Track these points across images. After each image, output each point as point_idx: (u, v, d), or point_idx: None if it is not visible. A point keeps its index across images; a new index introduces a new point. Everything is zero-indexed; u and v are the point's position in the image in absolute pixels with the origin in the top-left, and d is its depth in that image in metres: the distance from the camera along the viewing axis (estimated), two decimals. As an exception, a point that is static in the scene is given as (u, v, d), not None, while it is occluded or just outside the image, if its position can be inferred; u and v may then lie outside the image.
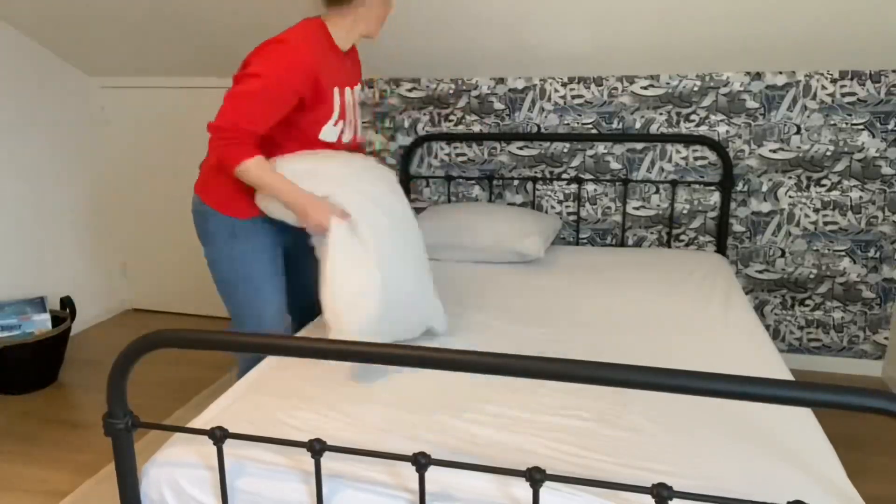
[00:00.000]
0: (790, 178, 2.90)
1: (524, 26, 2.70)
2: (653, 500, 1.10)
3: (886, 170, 2.80)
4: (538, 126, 3.12)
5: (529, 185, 3.19)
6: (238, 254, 2.00)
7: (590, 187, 3.13)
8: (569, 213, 3.18)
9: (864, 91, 2.74)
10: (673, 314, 2.16)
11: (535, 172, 3.17)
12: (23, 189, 3.27)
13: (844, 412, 0.94)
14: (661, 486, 1.08)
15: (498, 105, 3.14)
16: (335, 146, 2.03)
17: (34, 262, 3.35)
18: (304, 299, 2.27)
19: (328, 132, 1.98)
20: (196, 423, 1.49)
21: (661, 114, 2.97)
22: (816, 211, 2.90)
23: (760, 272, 3.02)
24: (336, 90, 1.95)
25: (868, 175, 2.82)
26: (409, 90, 3.24)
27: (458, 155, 3.26)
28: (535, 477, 1.13)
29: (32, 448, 2.50)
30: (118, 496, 1.39)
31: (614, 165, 3.06)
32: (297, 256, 2.22)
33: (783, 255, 2.98)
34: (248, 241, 2.01)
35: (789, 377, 1.73)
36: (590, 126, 3.06)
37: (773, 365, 1.79)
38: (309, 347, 1.22)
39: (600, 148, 3.07)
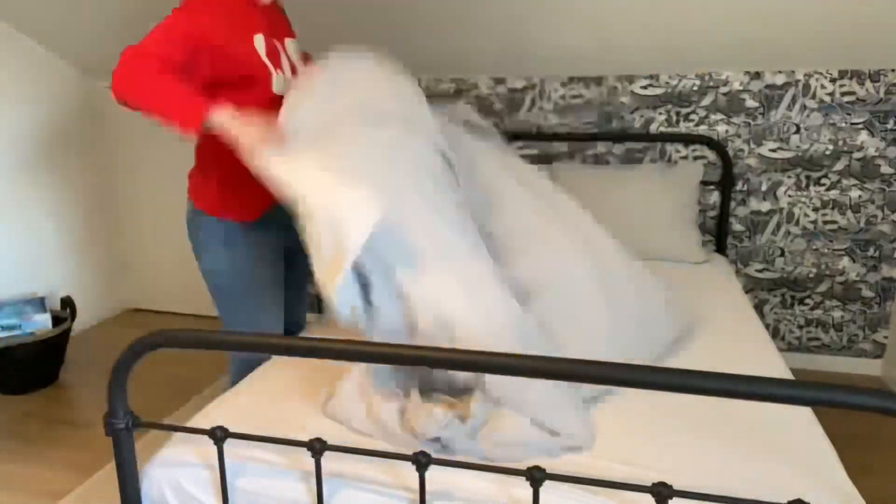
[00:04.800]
0: (789, 177, 2.90)
1: (524, 26, 2.70)
2: (653, 500, 1.10)
3: (886, 169, 2.80)
4: (538, 126, 3.12)
5: (529, 185, 3.19)
6: (235, 262, 1.83)
7: (589, 187, 3.12)
8: (568, 213, 3.18)
9: (864, 90, 2.75)
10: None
11: (535, 172, 3.17)
12: (23, 189, 3.27)
13: (844, 411, 0.94)
14: (661, 485, 1.08)
15: (498, 105, 3.14)
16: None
17: (35, 262, 3.35)
18: (289, 310, 2.07)
19: (278, 83, 1.74)
20: (196, 423, 1.49)
21: (660, 113, 2.97)
22: (816, 210, 2.90)
23: (760, 271, 3.02)
24: (260, 38, 1.72)
25: (867, 174, 2.82)
26: (409, 90, 3.24)
27: (457, 154, 3.25)
28: (535, 476, 1.13)
29: (32, 448, 2.50)
30: (118, 496, 1.40)
31: (614, 165, 3.06)
32: (291, 260, 2.02)
33: (783, 254, 2.98)
34: (247, 249, 1.84)
35: (789, 377, 1.73)
36: (589, 126, 3.06)
37: (773, 364, 1.79)
38: (310, 347, 1.22)
39: (600, 147, 3.07)
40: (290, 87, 1.68)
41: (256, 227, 1.85)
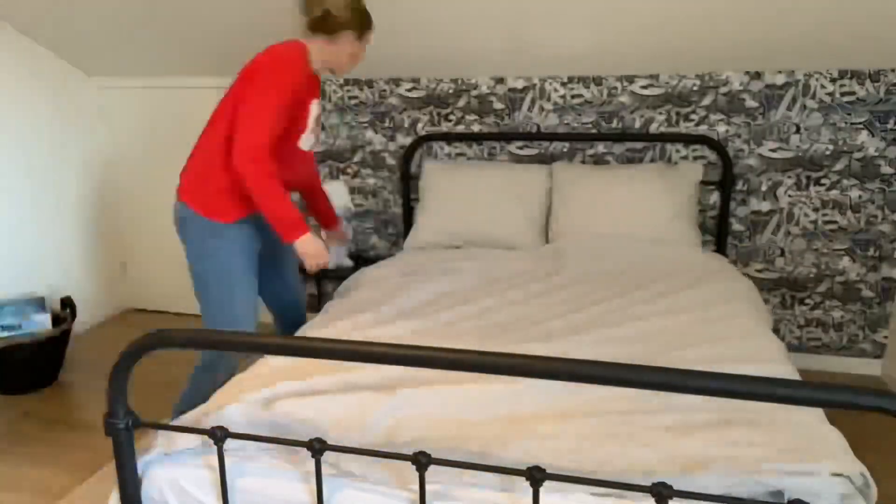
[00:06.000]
0: (789, 177, 2.90)
1: (524, 26, 2.70)
2: (653, 500, 1.10)
3: (885, 169, 2.80)
4: (538, 126, 3.12)
5: (529, 185, 3.18)
6: (215, 251, 2.13)
7: (589, 187, 3.12)
8: (568, 213, 3.17)
9: (864, 90, 2.75)
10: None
11: (535, 172, 3.16)
12: (23, 189, 3.27)
13: (845, 411, 0.94)
14: (661, 485, 1.08)
15: (498, 105, 3.14)
16: (305, 154, 2.22)
17: (34, 262, 3.35)
18: (288, 299, 2.46)
19: (304, 141, 2.18)
20: (196, 423, 1.49)
21: (660, 113, 2.97)
22: (816, 210, 2.90)
23: (760, 271, 3.02)
24: (313, 103, 2.16)
25: (867, 174, 2.82)
26: (409, 90, 3.24)
27: (458, 155, 3.26)
28: (535, 476, 1.13)
29: (32, 448, 2.50)
30: (118, 496, 1.40)
31: (614, 165, 3.06)
32: (276, 256, 2.34)
33: (783, 254, 2.98)
34: (228, 241, 2.13)
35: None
36: (589, 126, 3.06)
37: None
38: (309, 347, 1.22)
39: (600, 147, 3.07)
40: None
41: (237, 225, 2.14)
